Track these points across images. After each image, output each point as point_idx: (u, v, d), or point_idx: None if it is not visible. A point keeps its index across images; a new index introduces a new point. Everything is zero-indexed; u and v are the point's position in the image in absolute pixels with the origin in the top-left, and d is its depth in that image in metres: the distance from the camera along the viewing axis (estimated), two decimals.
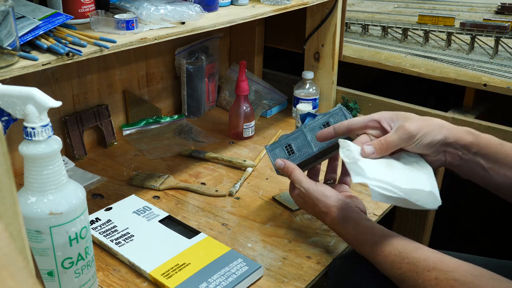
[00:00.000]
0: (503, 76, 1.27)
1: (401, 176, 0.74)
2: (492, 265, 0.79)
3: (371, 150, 0.76)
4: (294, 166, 0.88)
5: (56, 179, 0.65)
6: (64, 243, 0.67)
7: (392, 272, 0.71)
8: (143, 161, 1.18)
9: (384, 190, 0.71)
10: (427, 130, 0.75)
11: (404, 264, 0.69)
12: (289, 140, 0.92)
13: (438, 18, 1.63)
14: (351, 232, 0.78)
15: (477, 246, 1.54)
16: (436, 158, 0.78)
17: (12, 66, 0.69)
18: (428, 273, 0.67)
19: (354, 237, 0.78)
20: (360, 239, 0.77)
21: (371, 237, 0.75)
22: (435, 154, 0.77)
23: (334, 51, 1.35)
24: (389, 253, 0.72)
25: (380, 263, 0.73)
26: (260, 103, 1.46)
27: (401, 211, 1.42)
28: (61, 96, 1.15)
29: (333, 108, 0.91)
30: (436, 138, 0.75)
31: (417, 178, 0.74)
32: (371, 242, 0.75)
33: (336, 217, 0.80)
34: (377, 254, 0.73)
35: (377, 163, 0.76)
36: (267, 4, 1.11)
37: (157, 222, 0.92)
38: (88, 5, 0.86)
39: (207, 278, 0.78)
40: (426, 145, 0.75)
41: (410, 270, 0.69)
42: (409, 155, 0.78)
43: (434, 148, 0.76)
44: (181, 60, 1.36)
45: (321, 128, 0.90)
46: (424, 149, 0.76)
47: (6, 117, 0.61)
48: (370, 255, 0.75)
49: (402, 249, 0.71)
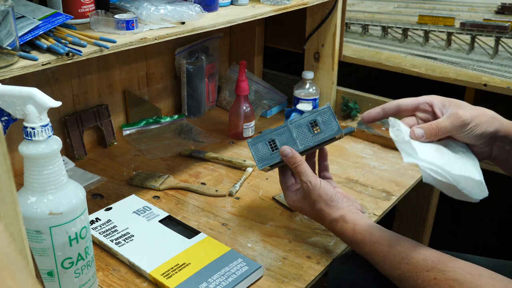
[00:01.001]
0: (503, 76, 1.27)
1: (451, 162, 0.72)
2: (492, 265, 0.79)
3: (421, 133, 0.74)
4: (302, 158, 0.84)
5: (56, 179, 0.65)
6: (64, 243, 0.67)
7: (391, 272, 0.71)
8: (143, 161, 1.18)
9: (435, 173, 0.70)
10: (480, 121, 0.73)
11: (403, 265, 0.69)
12: (273, 135, 0.88)
13: (438, 18, 1.63)
14: (350, 232, 0.78)
15: (477, 246, 1.54)
16: (483, 150, 0.76)
17: (12, 66, 0.69)
18: (427, 273, 0.67)
19: (352, 238, 0.77)
20: (359, 239, 0.76)
21: (370, 237, 0.75)
22: (483, 146, 0.76)
23: (334, 51, 1.35)
24: (387, 253, 0.72)
25: (379, 264, 0.73)
26: (260, 103, 1.46)
27: (401, 211, 1.42)
28: (61, 96, 1.15)
29: (321, 107, 0.88)
30: (488, 130, 0.73)
31: (466, 166, 0.73)
32: (369, 243, 0.74)
33: (336, 217, 0.80)
34: (376, 254, 0.73)
35: (427, 146, 0.74)
36: (267, 4, 1.11)
37: (157, 222, 0.92)
38: (88, 5, 0.86)
39: (207, 278, 0.78)
40: (477, 135, 0.74)
41: (409, 270, 0.69)
42: (456, 143, 0.77)
43: (483, 140, 0.74)
44: (181, 60, 1.36)
45: (308, 126, 0.86)
46: (474, 139, 0.74)
47: (6, 117, 0.61)
48: (368, 255, 0.75)
49: (401, 249, 0.71)
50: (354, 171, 1.14)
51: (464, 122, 0.73)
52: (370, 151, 1.24)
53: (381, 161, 1.19)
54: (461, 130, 0.74)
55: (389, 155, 1.22)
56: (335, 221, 0.80)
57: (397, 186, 1.08)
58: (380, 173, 1.14)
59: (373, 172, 1.14)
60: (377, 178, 1.12)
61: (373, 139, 1.28)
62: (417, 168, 1.16)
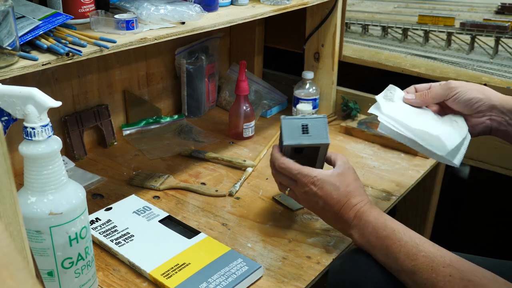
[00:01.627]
0: (503, 76, 1.27)
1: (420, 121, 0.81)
2: (492, 265, 0.79)
3: (411, 96, 0.85)
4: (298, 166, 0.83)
5: (56, 179, 0.65)
6: (64, 243, 0.67)
7: (405, 262, 0.71)
8: (143, 161, 1.18)
9: (392, 126, 0.81)
10: (468, 87, 0.80)
11: (420, 256, 0.69)
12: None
13: (438, 18, 1.63)
14: (374, 213, 0.78)
15: (477, 246, 1.54)
16: (481, 120, 0.81)
17: (12, 66, 0.69)
18: (443, 268, 0.67)
19: (375, 219, 0.77)
20: (379, 224, 0.76)
21: (391, 224, 0.75)
22: (479, 116, 0.80)
23: (334, 51, 1.35)
24: (405, 243, 0.72)
25: (394, 252, 0.72)
26: (260, 103, 1.46)
27: (401, 211, 1.42)
28: (61, 96, 1.15)
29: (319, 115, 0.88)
30: (476, 96, 0.79)
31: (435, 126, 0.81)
32: (390, 228, 0.75)
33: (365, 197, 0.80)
34: (394, 242, 0.73)
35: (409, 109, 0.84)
36: (267, 4, 1.11)
37: (157, 222, 0.92)
38: (88, 5, 0.86)
39: (207, 278, 0.78)
40: (466, 101, 0.80)
41: (425, 263, 0.69)
42: (454, 115, 0.84)
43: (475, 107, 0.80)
44: (181, 60, 1.36)
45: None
46: (465, 106, 0.80)
47: (6, 117, 0.61)
48: (385, 240, 0.74)
49: (420, 242, 0.71)
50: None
51: (451, 87, 0.81)
52: (370, 151, 1.24)
53: (381, 161, 1.19)
54: (448, 94, 0.82)
55: (389, 155, 1.22)
56: (362, 200, 0.80)
57: (397, 186, 1.08)
58: (380, 173, 1.14)
59: (373, 172, 1.14)
60: (377, 178, 1.12)
61: (373, 139, 1.28)
62: (417, 168, 1.17)
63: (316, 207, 0.83)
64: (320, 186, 0.81)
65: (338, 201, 0.80)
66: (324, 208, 0.82)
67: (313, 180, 0.81)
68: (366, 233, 0.77)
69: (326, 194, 0.80)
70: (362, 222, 0.78)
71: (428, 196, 1.34)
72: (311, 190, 0.81)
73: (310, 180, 0.81)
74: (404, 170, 1.15)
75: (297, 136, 0.85)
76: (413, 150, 1.20)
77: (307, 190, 0.82)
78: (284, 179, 0.86)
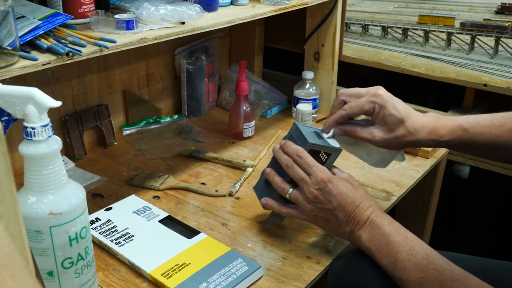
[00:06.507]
0: (503, 76, 1.27)
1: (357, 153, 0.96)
2: (492, 266, 0.79)
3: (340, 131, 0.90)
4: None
5: (56, 179, 0.65)
6: (64, 243, 0.67)
7: (412, 273, 0.70)
8: (143, 161, 1.18)
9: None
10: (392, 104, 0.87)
11: (429, 269, 0.68)
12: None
13: (438, 18, 1.63)
14: (388, 219, 0.77)
15: (477, 246, 1.54)
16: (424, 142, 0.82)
17: (12, 66, 0.69)
18: (451, 283, 0.66)
19: (389, 224, 0.76)
20: (393, 229, 0.75)
21: (404, 231, 0.75)
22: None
23: (334, 51, 1.35)
24: (417, 252, 0.71)
25: (403, 260, 0.71)
26: (260, 103, 1.46)
27: (401, 211, 1.42)
28: (61, 96, 1.15)
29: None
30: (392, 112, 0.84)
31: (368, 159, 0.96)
32: (403, 235, 0.74)
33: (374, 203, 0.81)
34: (405, 249, 0.72)
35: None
36: (267, 4, 1.11)
37: (157, 222, 0.92)
38: (88, 5, 0.86)
39: (207, 278, 0.78)
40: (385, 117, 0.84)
41: (434, 276, 0.68)
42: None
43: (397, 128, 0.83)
44: (181, 60, 1.36)
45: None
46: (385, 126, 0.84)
47: (6, 117, 0.61)
48: (396, 246, 0.73)
49: (430, 254, 0.70)
50: (354, 171, 1.14)
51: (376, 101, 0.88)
52: None
53: None
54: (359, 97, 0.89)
55: None
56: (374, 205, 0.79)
57: (397, 186, 1.08)
58: (380, 173, 1.14)
59: (373, 172, 1.14)
60: (377, 178, 1.12)
61: None
62: (417, 168, 1.17)
63: (324, 209, 0.79)
64: (335, 184, 0.78)
65: (354, 201, 0.78)
66: (337, 209, 0.78)
67: (329, 177, 0.78)
68: (377, 236, 0.75)
69: (341, 193, 0.78)
70: (375, 225, 0.76)
71: (428, 196, 1.34)
72: (327, 187, 0.78)
73: (326, 176, 0.78)
74: (404, 170, 1.15)
75: (316, 139, 0.86)
76: (413, 150, 1.20)
77: (322, 187, 0.78)
78: (296, 172, 0.81)
